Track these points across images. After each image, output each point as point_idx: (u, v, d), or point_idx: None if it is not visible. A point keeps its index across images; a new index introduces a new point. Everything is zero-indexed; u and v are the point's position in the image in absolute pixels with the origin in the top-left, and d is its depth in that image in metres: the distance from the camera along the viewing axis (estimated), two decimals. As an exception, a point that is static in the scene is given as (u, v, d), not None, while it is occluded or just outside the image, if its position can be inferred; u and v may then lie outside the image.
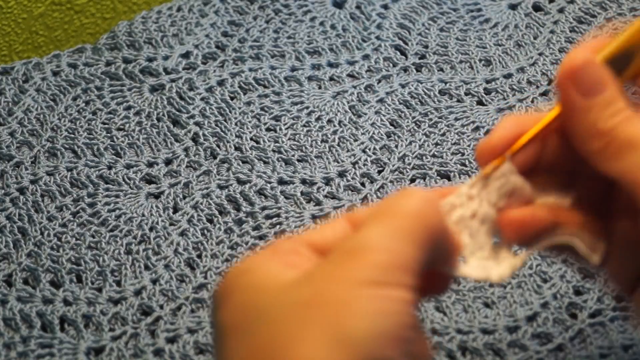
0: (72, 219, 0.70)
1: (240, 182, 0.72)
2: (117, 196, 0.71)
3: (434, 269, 0.47)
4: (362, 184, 0.72)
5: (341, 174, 0.73)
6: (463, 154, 0.73)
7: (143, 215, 0.70)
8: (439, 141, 0.75)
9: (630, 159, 0.47)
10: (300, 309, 0.42)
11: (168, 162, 0.74)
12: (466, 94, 0.78)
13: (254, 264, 0.45)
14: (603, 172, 0.48)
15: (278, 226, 0.69)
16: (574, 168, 0.50)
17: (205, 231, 0.69)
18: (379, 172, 0.73)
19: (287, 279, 0.44)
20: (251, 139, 0.75)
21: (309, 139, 0.75)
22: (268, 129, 0.76)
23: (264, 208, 0.70)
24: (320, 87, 0.79)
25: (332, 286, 0.42)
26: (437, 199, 0.47)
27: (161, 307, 0.65)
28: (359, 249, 0.43)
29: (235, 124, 0.76)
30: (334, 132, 0.76)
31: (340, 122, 0.76)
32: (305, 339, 0.41)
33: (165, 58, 0.81)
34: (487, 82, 0.79)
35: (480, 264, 0.48)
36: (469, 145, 0.74)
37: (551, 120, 0.49)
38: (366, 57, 0.81)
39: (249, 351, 0.42)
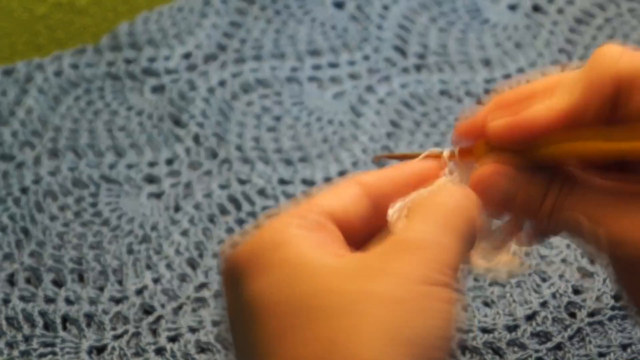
0: (74, 218, 0.70)
1: (241, 182, 0.72)
2: (118, 196, 0.71)
3: None
4: (362, 184, 0.72)
5: (341, 174, 0.73)
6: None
7: (144, 215, 0.70)
8: (439, 141, 0.75)
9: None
10: (354, 303, 0.40)
11: (169, 162, 0.74)
12: (466, 94, 0.78)
13: (285, 238, 0.43)
14: None
15: (279, 226, 0.69)
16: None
17: (207, 231, 0.69)
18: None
19: (335, 264, 0.42)
20: (252, 139, 0.75)
21: (310, 139, 0.75)
22: (269, 129, 0.76)
23: (264, 208, 0.70)
24: (320, 88, 0.79)
25: (387, 281, 0.41)
26: (473, 193, 0.46)
27: (162, 306, 0.65)
28: (411, 245, 0.42)
29: (236, 124, 0.76)
30: (334, 132, 0.76)
31: (340, 122, 0.76)
32: (364, 336, 0.40)
33: (167, 58, 0.81)
34: (487, 82, 0.79)
35: (488, 252, 0.48)
36: (468, 145, 0.74)
37: None
38: (366, 57, 0.81)
39: (300, 341, 0.40)
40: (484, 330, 0.62)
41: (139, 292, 0.66)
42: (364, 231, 0.45)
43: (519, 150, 0.46)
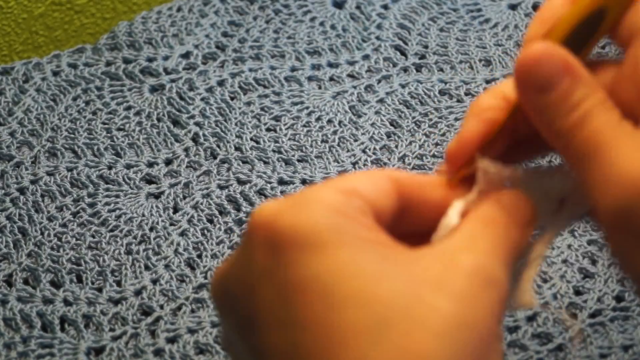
0: (72, 219, 0.70)
1: (240, 182, 0.72)
2: (117, 196, 0.71)
3: None
4: (362, 184, 0.72)
5: (341, 174, 0.73)
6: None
7: (143, 215, 0.70)
8: (439, 141, 0.75)
9: (588, 169, 0.43)
10: (454, 328, 0.39)
11: (168, 162, 0.74)
12: (466, 94, 0.78)
13: (346, 224, 0.41)
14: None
15: (278, 226, 0.69)
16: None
17: (206, 231, 0.69)
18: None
19: (410, 269, 0.41)
20: (251, 139, 0.75)
21: (309, 139, 0.75)
22: (268, 129, 0.76)
23: (264, 208, 0.70)
24: (320, 87, 0.79)
25: (479, 316, 0.40)
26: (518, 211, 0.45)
27: (161, 307, 0.65)
28: (491, 279, 0.41)
29: (236, 124, 0.76)
30: (334, 132, 0.76)
31: (340, 122, 0.76)
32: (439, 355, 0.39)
33: (165, 58, 0.81)
34: (487, 82, 0.79)
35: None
36: (469, 146, 0.74)
37: (513, 110, 0.47)
38: (366, 57, 0.81)
39: (397, 347, 0.39)
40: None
41: (138, 292, 0.65)
42: (387, 228, 0.44)
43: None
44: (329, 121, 0.76)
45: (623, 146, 0.42)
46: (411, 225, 0.45)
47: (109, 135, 0.75)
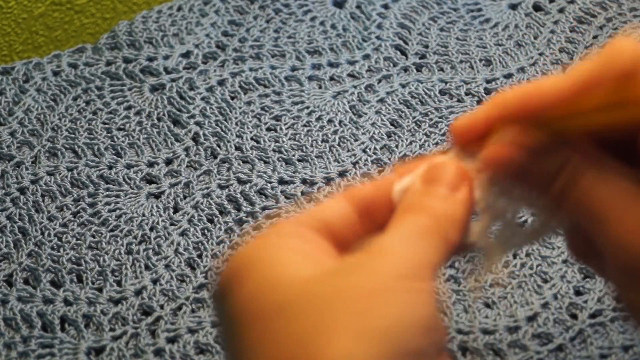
0: (72, 218, 0.70)
1: (240, 182, 0.72)
2: (117, 196, 0.71)
3: None
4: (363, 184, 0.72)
5: (342, 174, 0.73)
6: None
7: (143, 215, 0.70)
8: (439, 141, 0.75)
9: (592, 231, 0.45)
10: (327, 301, 0.41)
11: (168, 162, 0.74)
12: (466, 94, 0.78)
13: (265, 252, 0.44)
14: None
15: (278, 226, 0.69)
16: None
17: (206, 231, 0.69)
18: (380, 172, 0.73)
19: (306, 270, 0.43)
20: (252, 138, 0.75)
21: (310, 138, 0.75)
22: (268, 129, 0.76)
23: (264, 208, 0.70)
24: (320, 87, 0.79)
25: (360, 279, 0.42)
26: (462, 197, 0.46)
27: (162, 307, 0.65)
28: (387, 249, 0.43)
29: (236, 124, 0.76)
30: (335, 132, 0.76)
31: (340, 122, 0.76)
32: (334, 331, 0.40)
33: (166, 58, 0.81)
34: (488, 82, 0.79)
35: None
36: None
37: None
38: (366, 56, 0.81)
39: (273, 344, 0.41)
40: (485, 332, 0.62)
41: (138, 292, 0.65)
42: (353, 237, 0.46)
43: (535, 125, 0.46)
44: (330, 121, 0.76)
45: (616, 211, 0.44)
46: (381, 219, 0.46)
47: (109, 135, 0.76)
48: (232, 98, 0.78)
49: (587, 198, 0.45)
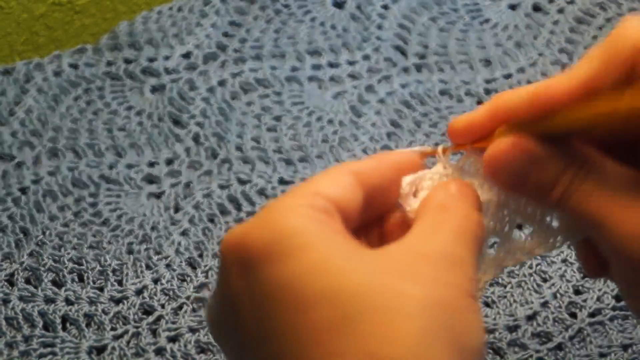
0: (73, 218, 0.70)
1: (241, 182, 0.72)
2: (118, 196, 0.71)
3: None
4: (363, 184, 0.72)
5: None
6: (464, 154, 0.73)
7: (144, 215, 0.70)
8: (439, 141, 0.75)
9: (595, 236, 0.45)
10: (419, 308, 0.40)
11: (169, 162, 0.74)
12: (466, 94, 0.78)
13: (306, 225, 0.42)
14: None
15: (279, 226, 0.69)
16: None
17: (207, 231, 0.69)
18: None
19: (357, 259, 0.41)
20: (252, 139, 0.75)
21: (310, 139, 0.75)
22: (269, 129, 0.76)
23: (264, 208, 0.70)
24: (320, 87, 0.79)
25: (448, 293, 0.41)
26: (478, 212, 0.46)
27: (162, 306, 0.65)
28: (455, 259, 0.42)
29: (236, 124, 0.76)
30: (335, 132, 0.76)
31: (340, 122, 0.76)
32: (409, 336, 0.39)
33: (166, 58, 0.81)
34: (487, 82, 0.79)
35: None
36: (469, 145, 0.74)
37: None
38: (366, 57, 0.81)
39: (354, 337, 0.39)
40: (485, 331, 0.62)
41: (139, 292, 0.65)
42: (357, 220, 0.45)
43: (536, 127, 0.45)
44: (330, 121, 0.77)
45: (614, 215, 0.44)
46: (376, 209, 0.46)
47: (110, 135, 0.76)
48: (233, 98, 0.78)
49: (586, 203, 0.45)
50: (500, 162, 0.45)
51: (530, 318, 0.63)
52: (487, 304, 0.64)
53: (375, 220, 0.47)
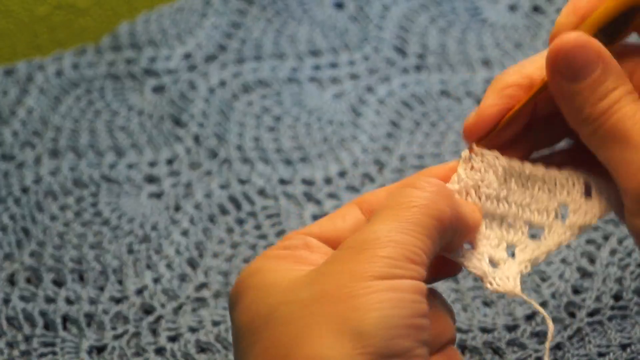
0: (74, 218, 0.70)
1: (241, 182, 0.72)
2: (118, 196, 0.71)
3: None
4: (362, 184, 0.72)
5: (341, 174, 0.73)
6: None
7: (144, 214, 0.70)
8: (438, 141, 0.75)
9: (615, 154, 0.46)
10: (308, 305, 0.42)
11: (169, 162, 0.74)
12: (466, 94, 0.78)
13: (264, 263, 0.45)
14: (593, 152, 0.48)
15: (278, 226, 0.69)
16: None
17: (207, 231, 0.69)
18: (379, 172, 0.73)
19: (296, 277, 0.44)
20: (252, 139, 0.75)
21: (310, 139, 0.75)
22: (269, 129, 0.76)
23: (264, 208, 0.70)
24: (320, 88, 0.79)
25: (341, 281, 0.42)
26: (447, 188, 0.46)
27: (162, 306, 0.65)
28: (366, 244, 0.43)
29: (236, 124, 0.76)
30: (334, 132, 0.76)
31: (340, 122, 0.77)
32: (314, 335, 0.41)
33: (167, 58, 0.81)
34: (487, 82, 0.79)
35: (484, 259, 0.48)
36: (468, 145, 0.74)
37: (538, 91, 0.48)
38: (366, 57, 0.81)
39: (261, 351, 0.42)
40: (484, 330, 0.62)
41: (139, 292, 0.66)
42: None
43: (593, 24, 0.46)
44: (329, 121, 0.77)
45: None
46: None
47: (110, 135, 0.76)
48: (233, 99, 0.78)
49: (624, 122, 0.45)
50: (567, 52, 0.46)
51: (529, 318, 0.63)
52: (486, 304, 0.64)
53: None
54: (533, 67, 0.49)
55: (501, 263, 0.48)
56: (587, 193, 0.50)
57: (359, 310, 0.41)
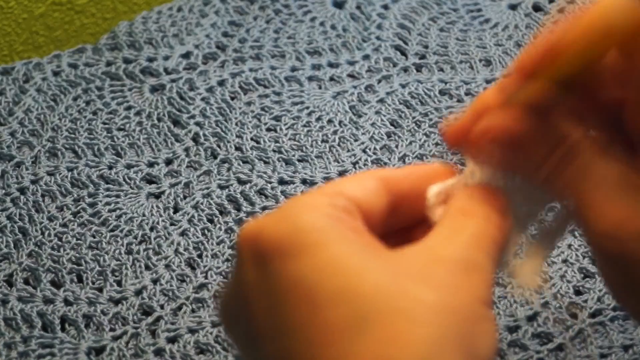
0: (72, 218, 0.70)
1: (240, 182, 0.72)
2: (117, 196, 0.71)
3: None
4: (363, 184, 0.72)
5: (341, 174, 0.73)
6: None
7: (144, 215, 0.70)
8: (439, 141, 0.75)
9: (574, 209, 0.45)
10: (434, 314, 0.40)
11: (168, 162, 0.74)
12: (466, 94, 0.78)
13: (327, 223, 0.41)
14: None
15: (278, 226, 0.69)
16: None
17: (206, 231, 0.69)
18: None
19: (377, 261, 0.41)
20: (251, 139, 0.75)
21: (310, 139, 0.75)
22: (268, 129, 0.76)
23: (264, 208, 0.70)
24: (320, 87, 0.79)
25: (464, 300, 0.40)
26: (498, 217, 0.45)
27: (162, 307, 0.65)
28: (473, 266, 0.42)
29: (236, 124, 0.76)
30: (335, 132, 0.76)
31: (340, 122, 0.76)
32: (441, 354, 0.39)
33: (166, 58, 0.81)
34: (487, 82, 0.79)
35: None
36: (469, 145, 0.74)
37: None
38: (366, 57, 0.81)
39: (366, 341, 0.39)
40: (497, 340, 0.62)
41: (138, 292, 0.65)
42: (380, 226, 0.44)
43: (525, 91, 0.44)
44: (329, 121, 0.76)
45: (595, 207, 0.43)
46: (405, 218, 0.46)
47: (109, 135, 0.76)
48: (232, 98, 0.78)
49: (578, 180, 0.43)
50: (496, 129, 0.44)
51: (531, 319, 0.63)
52: (487, 305, 0.64)
53: (406, 229, 0.46)
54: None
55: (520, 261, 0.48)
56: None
57: (483, 339, 0.40)
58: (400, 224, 0.46)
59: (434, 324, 0.39)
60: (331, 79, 0.80)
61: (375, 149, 0.74)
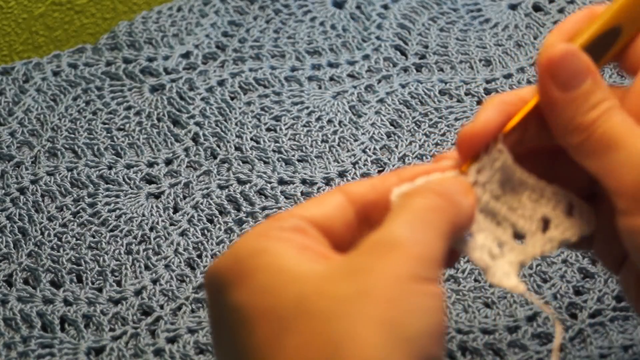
0: (72, 219, 0.70)
1: (240, 182, 0.72)
2: (117, 196, 0.71)
3: None
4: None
5: (341, 174, 0.73)
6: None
7: (143, 215, 0.70)
8: (439, 141, 0.75)
9: (606, 160, 0.46)
10: (351, 303, 0.41)
11: (168, 162, 0.74)
12: (466, 94, 0.78)
13: (268, 245, 0.44)
14: (581, 165, 0.48)
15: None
16: (557, 150, 0.49)
17: (206, 231, 0.69)
18: (379, 172, 0.73)
19: (316, 266, 0.42)
20: (251, 139, 0.75)
21: (309, 139, 0.75)
22: (268, 129, 0.76)
23: (264, 208, 0.70)
24: (320, 87, 0.79)
25: (378, 282, 0.41)
26: (467, 187, 0.47)
27: (161, 307, 0.65)
28: (394, 243, 0.42)
29: (236, 124, 0.76)
30: (334, 132, 0.76)
31: (340, 122, 0.76)
32: (362, 336, 0.40)
33: (166, 58, 0.81)
34: (487, 82, 0.79)
35: (485, 251, 0.48)
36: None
37: (535, 105, 0.49)
38: (366, 57, 0.81)
39: (299, 344, 0.41)
40: (485, 332, 0.62)
41: (138, 292, 0.65)
42: (350, 238, 0.46)
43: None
44: (329, 121, 0.76)
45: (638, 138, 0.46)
46: (373, 225, 0.46)
47: (109, 135, 0.76)
48: (232, 98, 0.78)
49: (614, 129, 0.46)
50: (559, 61, 0.46)
51: (531, 319, 0.63)
52: (487, 305, 0.64)
53: None
54: (529, 89, 0.49)
55: (497, 258, 0.48)
56: (569, 212, 0.50)
57: (404, 315, 0.41)
58: (374, 226, 0.46)
59: (350, 314, 0.40)
60: (331, 79, 0.80)
61: (375, 149, 0.74)
